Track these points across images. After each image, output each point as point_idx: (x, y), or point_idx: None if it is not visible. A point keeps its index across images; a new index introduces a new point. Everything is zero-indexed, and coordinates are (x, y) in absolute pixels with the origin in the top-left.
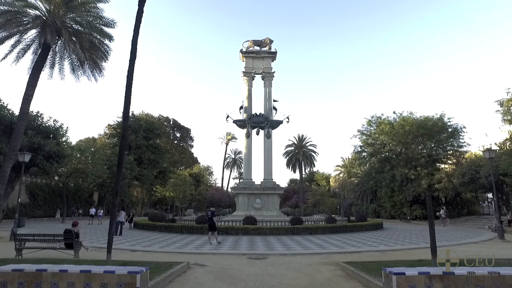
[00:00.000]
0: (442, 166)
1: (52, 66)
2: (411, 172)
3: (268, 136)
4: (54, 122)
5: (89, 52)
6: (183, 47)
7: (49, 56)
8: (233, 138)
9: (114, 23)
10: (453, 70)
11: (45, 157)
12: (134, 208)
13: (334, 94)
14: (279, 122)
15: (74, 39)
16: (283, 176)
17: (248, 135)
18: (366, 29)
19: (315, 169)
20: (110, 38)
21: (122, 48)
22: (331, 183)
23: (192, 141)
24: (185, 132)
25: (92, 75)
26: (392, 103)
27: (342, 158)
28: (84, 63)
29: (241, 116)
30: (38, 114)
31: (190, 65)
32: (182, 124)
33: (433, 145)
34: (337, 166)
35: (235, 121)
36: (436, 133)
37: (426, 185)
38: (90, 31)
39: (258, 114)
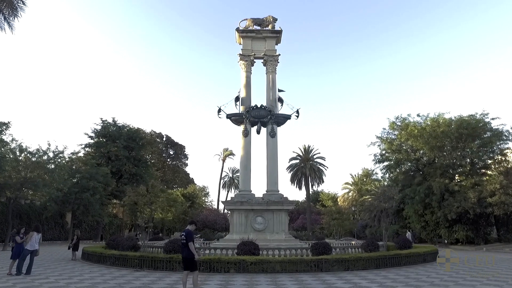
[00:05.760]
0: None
1: None
2: (453, 183)
3: (272, 135)
4: None
5: None
6: (178, 60)
7: None
8: (231, 154)
9: None
10: (479, 81)
11: None
12: (80, 229)
13: (340, 103)
14: (286, 117)
15: None
16: (286, 194)
17: (246, 134)
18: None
19: (319, 189)
20: None
21: None
22: (339, 203)
23: (187, 159)
24: (179, 149)
25: (5, 20)
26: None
27: (351, 174)
28: None
29: (237, 109)
30: None
31: (184, 78)
32: (176, 140)
33: (475, 149)
34: (346, 183)
35: (229, 116)
36: (479, 135)
37: (475, 199)
38: None
39: (259, 106)
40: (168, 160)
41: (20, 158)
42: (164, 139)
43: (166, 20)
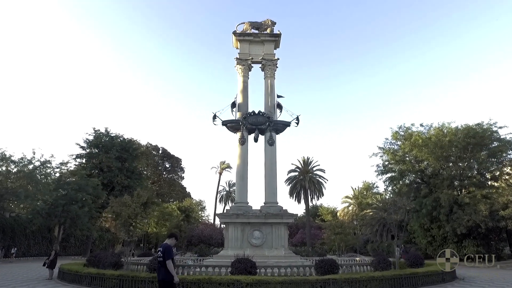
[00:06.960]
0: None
1: None
2: (462, 195)
3: (270, 143)
4: None
5: None
6: (174, 71)
7: None
8: (228, 167)
9: None
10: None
11: None
12: (68, 243)
13: (340, 114)
14: (285, 124)
15: None
16: (285, 207)
17: (243, 141)
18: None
19: (319, 202)
20: None
21: None
22: (339, 217)
23: (183, 172)
24: (176, 162)
25: None
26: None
27: (352, 187)
28: None
29: (234, 116)
30: None
31: (181, 89)
32: (172, 153)
33: (482, 159)
34: (346, 197)
35: (225, 123)
36: (487, 144)
37: (487, 211)
38: None
39: (257, 112)
40: (164, 173)
41: (2, 167)
42: (160, 151)
43: (160, 29)
